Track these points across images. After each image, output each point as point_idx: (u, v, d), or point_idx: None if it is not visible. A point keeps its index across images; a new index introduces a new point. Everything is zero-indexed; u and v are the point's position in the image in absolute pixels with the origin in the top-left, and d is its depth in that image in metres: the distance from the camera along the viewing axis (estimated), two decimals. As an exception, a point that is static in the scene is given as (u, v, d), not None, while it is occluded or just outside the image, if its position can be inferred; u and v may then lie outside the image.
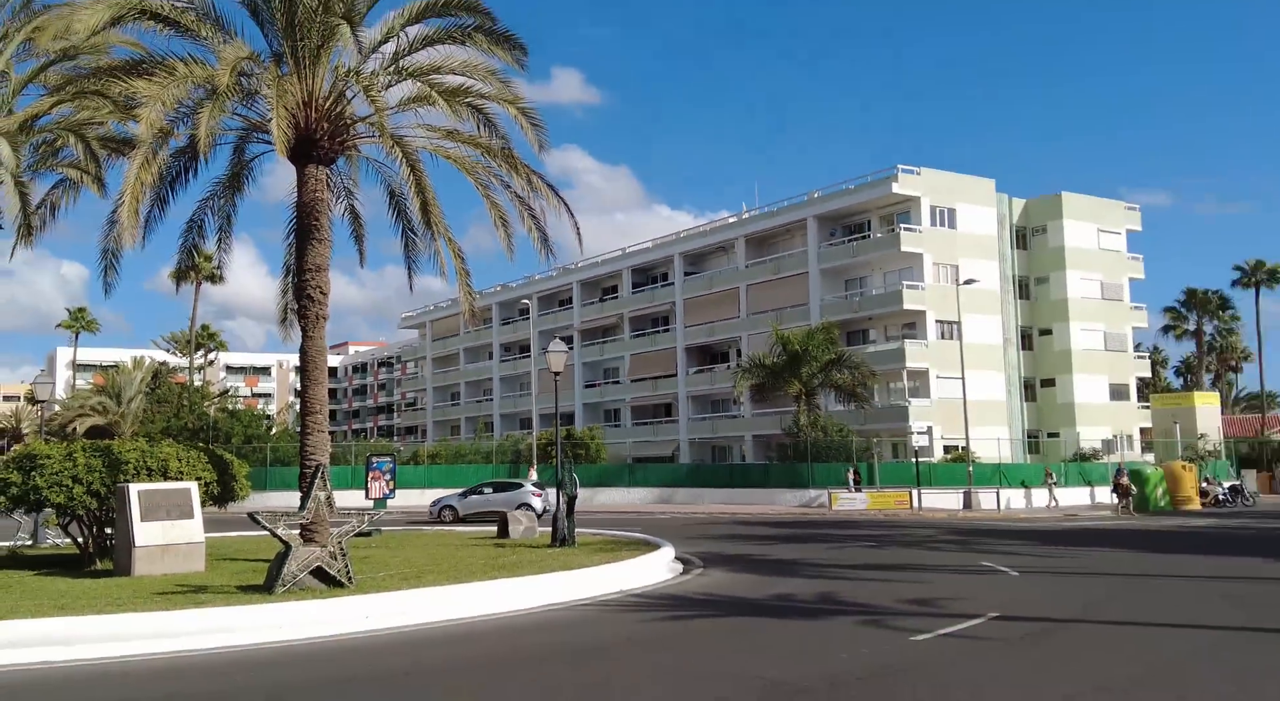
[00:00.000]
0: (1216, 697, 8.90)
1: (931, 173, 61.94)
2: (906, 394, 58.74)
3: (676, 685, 9.54)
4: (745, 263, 68.96)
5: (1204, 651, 11.28)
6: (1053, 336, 65.55)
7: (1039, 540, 27.76)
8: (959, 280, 52.47)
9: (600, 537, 23.51)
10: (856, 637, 12.02)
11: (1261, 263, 75.97)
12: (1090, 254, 66.02)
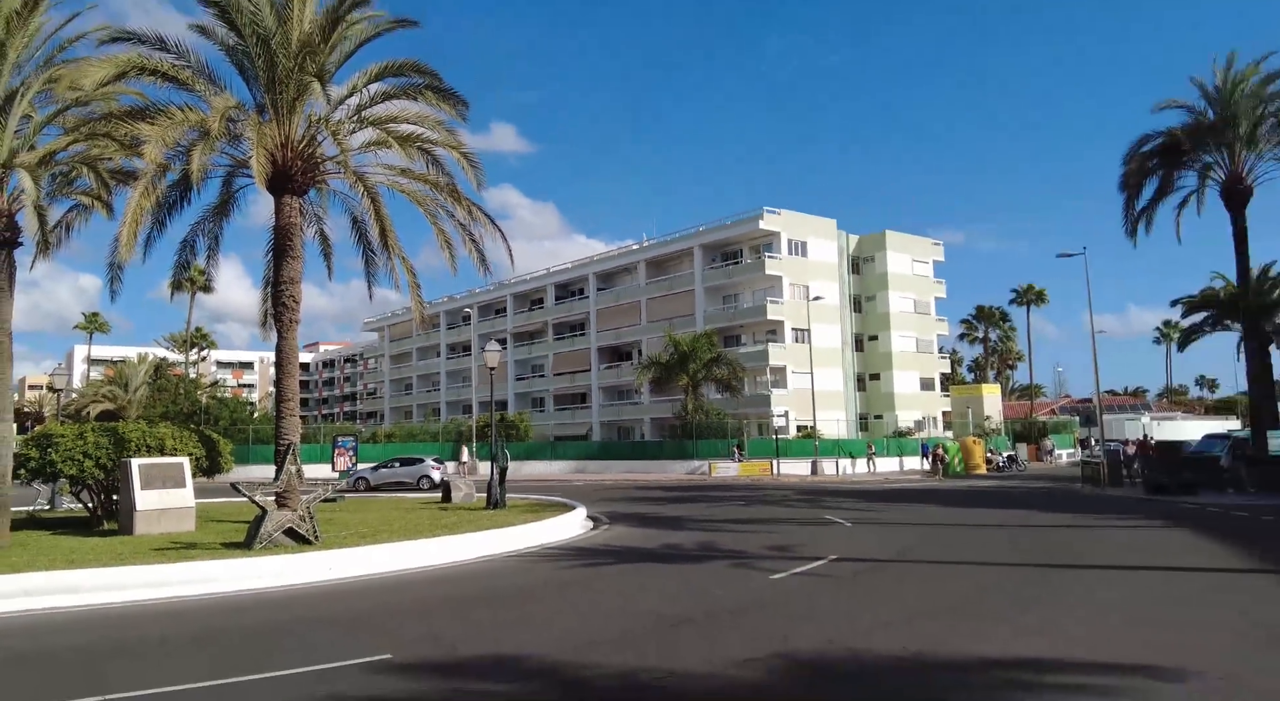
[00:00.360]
0: (1001, 614, 8.98)
1: (789, 213, 62.85)
2: (769, 385, 59.29)
3: (585, 618, 9.38)
4: (645, 281, 68.98)
5: (990, 582, 11.43)
6: (878, 341, 67.00)
7: (867, 498, 28.13)
8: (809, 297, 53.63)
9: (527, 501, 23.03)
10: (729, 577, 12.01)
11: (1031, 286, 79.95)
12: (906, 278, 67.73)
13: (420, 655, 7.55)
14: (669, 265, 69.00)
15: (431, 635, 8.50)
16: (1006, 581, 11.50)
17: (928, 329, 69.40)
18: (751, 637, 7.94)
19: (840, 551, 14.25)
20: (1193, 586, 10.87)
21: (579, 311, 74.51)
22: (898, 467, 49.26)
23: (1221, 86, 29.68)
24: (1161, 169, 31.29)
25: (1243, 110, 28.99)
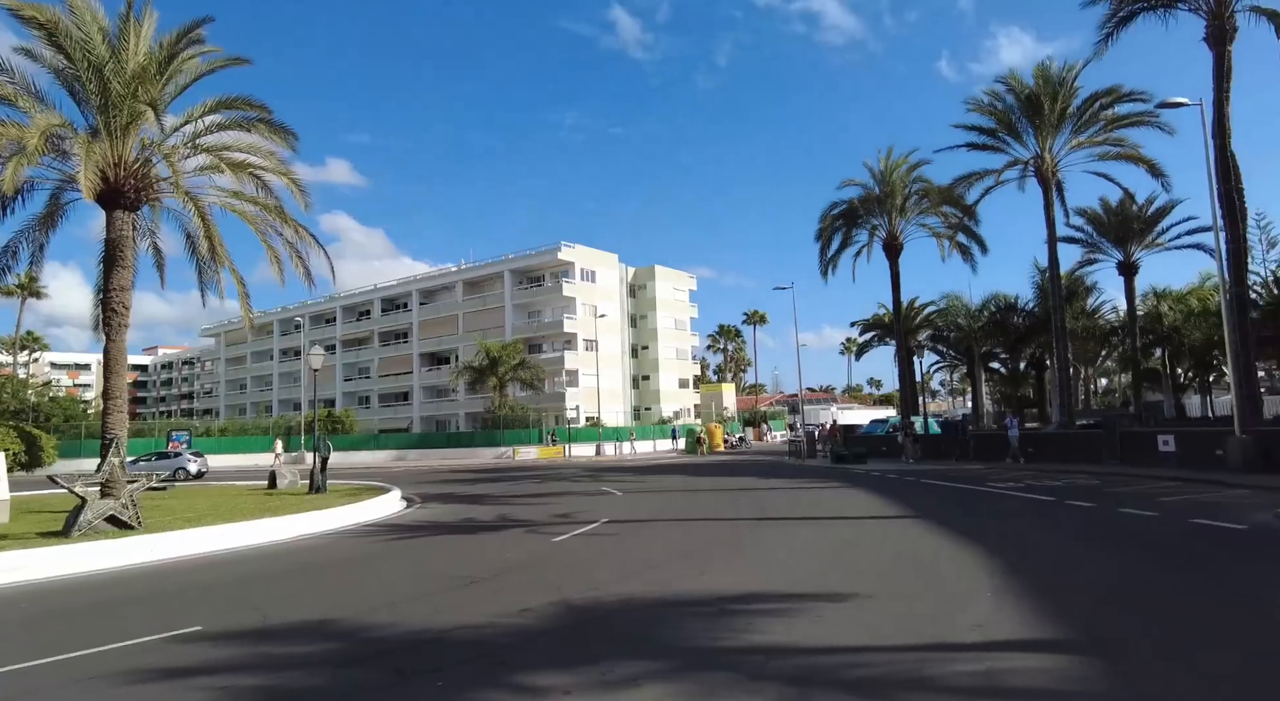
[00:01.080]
0: (726, 557, 9.21)
1: (582, 247, 63.51)
2: (564, 385, 59.47)
3: (390, 584, 8.80)
4: (463, 298, 66.99)
5: (720, 533, 11.82)
6: (649, 350, 69.22)
7: (637, 472, 28.79)
8: (597, 315, 54.44)
9: (348, 486, 21.47)
10: (519, 542, 11.74)
11: (756, 311, 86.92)
12: (669, 302, 70.50)
13: (231, 624, 6.76)
14: (483, 285, 67.42)
15: (244, 606, 7.67)
16: (732, 532, 12.06)
17: (684, 341, 72.67)
18: (531, 590, 7.83)
19: (612, 515, 14.46)
20: (860, 530, 11.91)
21: (403, 322, 70.94)
22: (664, 447, 51.00)
23: (883, 170, 33.41)
24: (844, 228, 34.68)
25: (897, 188, 32.78)
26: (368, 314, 74.94)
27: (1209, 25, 20.13)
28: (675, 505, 16.70)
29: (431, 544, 12.15)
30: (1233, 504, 12.83)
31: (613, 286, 65.91)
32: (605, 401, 58.04)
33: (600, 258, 65.27)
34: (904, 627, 5.98)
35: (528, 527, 13.18)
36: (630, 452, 46.85)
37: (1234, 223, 20.03)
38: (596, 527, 12.74)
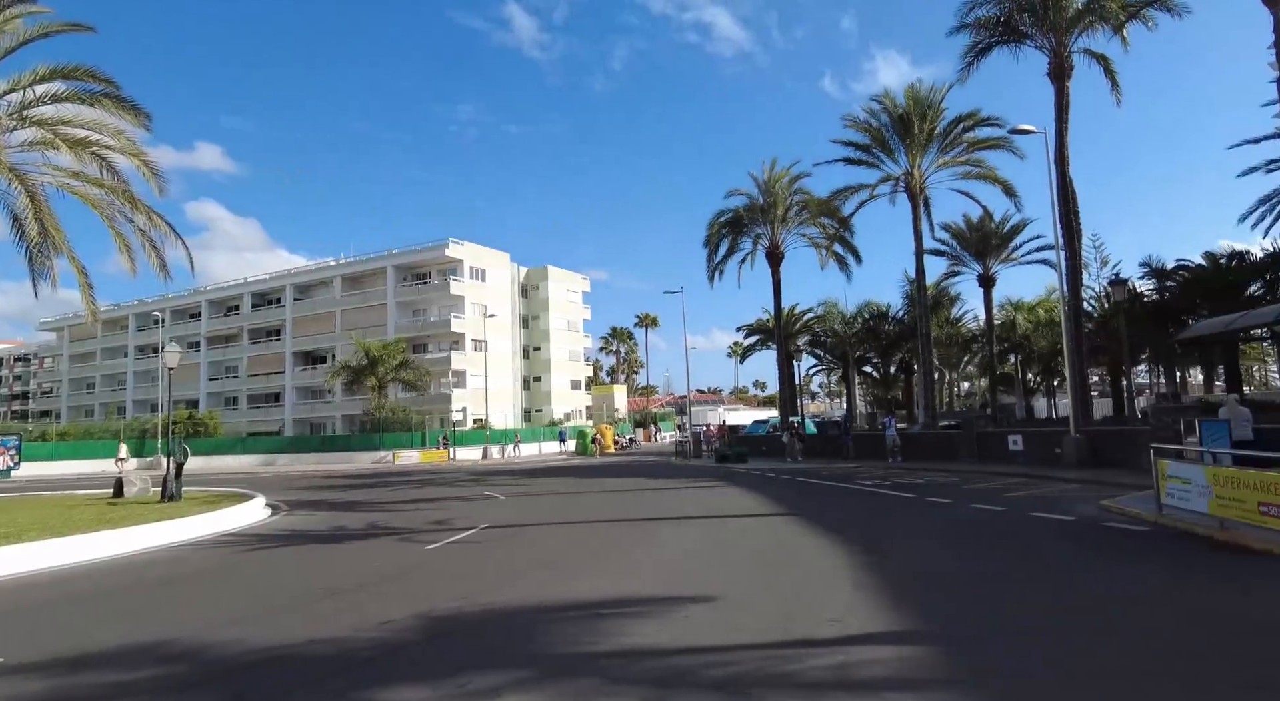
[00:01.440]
0: (603, 561, 9.20)
1: (472, 245, 61.92)
2: (451, 386, 57.81)
3: (240, 598, 8.16)
4: (342, 293, 63.66)
5: (600, 535, 11.74)
6: (541, 351, 68.45)
7: (524, 475, 28.33)
8: (486, 315, 53.25)
9: (207, 493, 19.84)
10: (389, 551, 11.22)
11: (648, 314, 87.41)
12: (562, 303, 70.06)
13: (42, 653, 6.03)
14: (365, 281, 64.44)
15: (64, 630, 6.87)
16: (612, 534, 12.04)
17: (577, 343, 72.43)
18: (396, 601, 7.51)
19: (492, 520, 14.13)
20: (735, 529, 12.23)
21: (276, 318, 66.57)
22: (551, 450, 50.52)
23: (767, 181, 34.67)
24: (730, 235, 35.68)
25: (779, 198, 34.08)
26: (237, 309, 69.87)
27: (1051, 62, 22.17)
28: (559, 508, 16.53)
29: (293, 554, 11.41)
30: (1066, 497, 14.11)
31: (504, 286, 64.75)
32: (494, 403, 56.92)
33: (491, 256, 63.96)
34: (768, 625, 6.15)
35: (400, 535, 12.65)
36: (515, 455, 46.05)
37: (1072, 241, 22.13)
38: (474, 534, 12.40)
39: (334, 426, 61.24)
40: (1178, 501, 10.27)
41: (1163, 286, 31.97)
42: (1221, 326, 12.00)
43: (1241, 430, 11.74)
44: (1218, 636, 5.45)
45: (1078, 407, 20.68)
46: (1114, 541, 9.56)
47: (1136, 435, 18.13)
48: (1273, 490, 8.32)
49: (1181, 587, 7.05)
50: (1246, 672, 4.69)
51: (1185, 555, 8.52)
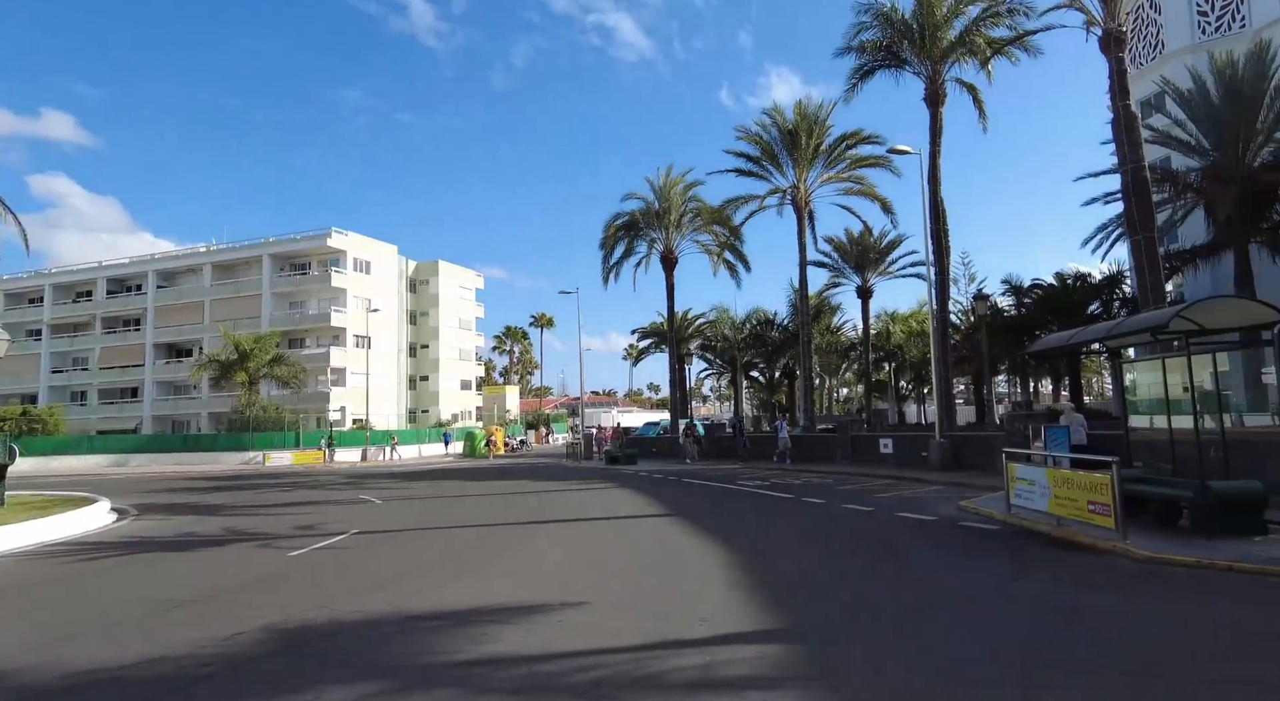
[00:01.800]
0: (479, 566, 8.90)
1: (356, 235, 59.19)
2: (329, 384, 55.03)
3: (73, 612, 7.38)
4: (212, 282, 59.25)
5: (479, 539, 11.36)
6: (429, 349, 66.36)
7: (406, 478, 27.34)
8: (370, 309, 51.05)
9: (40, 497, 17.87)
10: (249, 558, 10.45)
11: (544, 314, 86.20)
12: (453, 300, 68.24)
13: None
14: (238, 269, 60.31)
15: None
16: (492, 538, 11.74)
17: (468, 341, 70.70)
18: (248, 612, 6.99)
19: (365, 525, 13.51)
20: (617, 530, 12.22)
21: (136, 307, 61.07)
22: (434, 452, 49.00)
23: (662, 187, 35.18)
24: (626, 238, 35.94)
25: (674, 204, 34.66)
26: (89, 295, 63.50)
27: (927, 88, 23.68)
28: (437, 512, 16.00)
29: (136, 563, 10.40)
30: (929, 498, 15.05)
31: (390, 280, 62.28)
32: (377, 402, 54.63)
33: (378, 248, 61.36)
34: (640, 626, 6.15)
35: (261, 541, 11.84)
36: (393, 458, 44.17)
37: (941, 257, 23.68)
38: (343, 539, 11.79)
39: (199, 424, 56.98)
40: (1024, 501, 11.14)
41: (1020, 303, 34.78)
42: (1062, 341, 13.13)
43: (1077, 435, 12.88)
44: (1049, 626, 5.91)
45: (943, 414, 22.13)
46: (968, 540, 10.25)
47: (993, 440, 19.57)
48: (1099, 490, 9.16)
49: (1022, 582, 7.62)
50: (1071, 657, 5.10)
51: (1027, 551, 9.23)
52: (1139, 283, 17.85)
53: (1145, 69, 30.14)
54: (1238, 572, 7.46)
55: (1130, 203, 17.26)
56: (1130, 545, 8.56)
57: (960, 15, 23.32)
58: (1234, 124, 21.39)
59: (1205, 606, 6.43)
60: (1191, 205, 24.27)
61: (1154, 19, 30.80)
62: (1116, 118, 17.39)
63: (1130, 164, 17.14)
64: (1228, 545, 8.41)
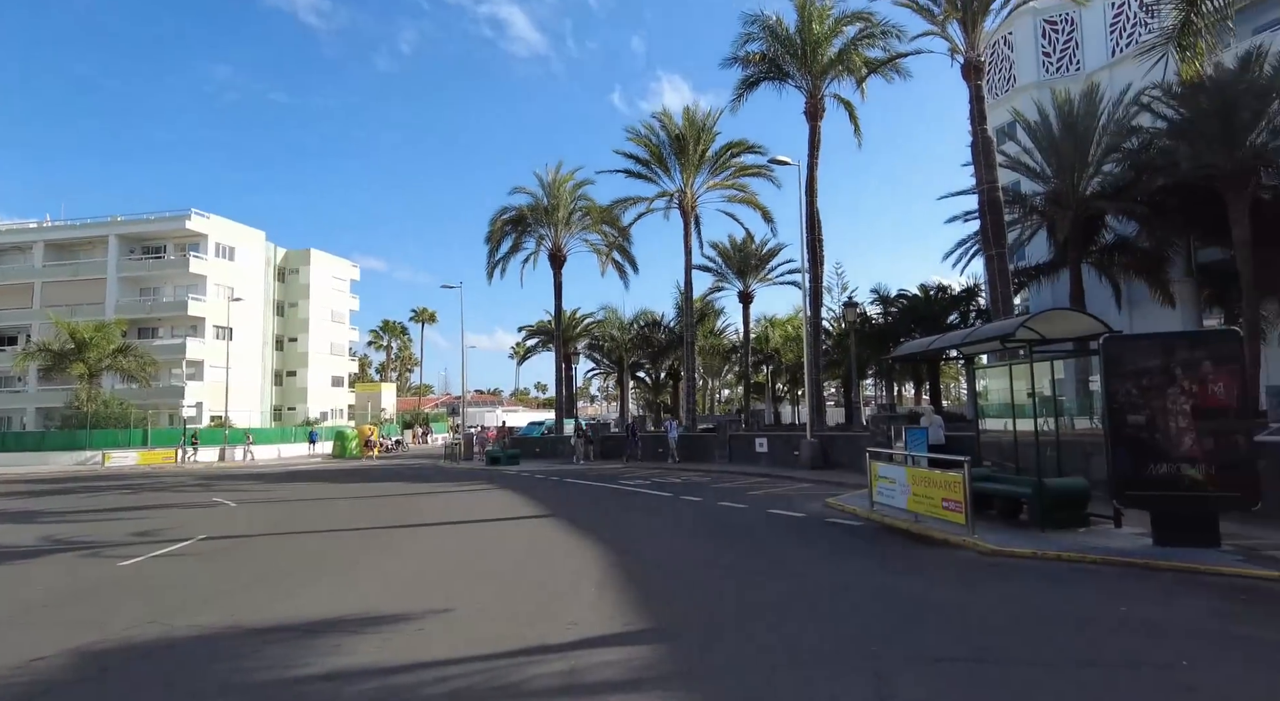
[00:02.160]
0: (330, 574, 8.37)
1: (219, 219, 54.86)
2: (185, 378, 50.71)
3: None
4: (44, 263, 53.12)
5: (338, 545, 10.65)
6: (297, 343, 62.47)
7: (267, 479, 25.56)
8: (232, 298, 47.32)
9: None
10: (71, 570, 9.32)
11: (425, 309, 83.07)
12: (327, 291, 64.66)
13: None
14: (79, 250, 54.46)
15: None
16: (356, 543, 11.11)
17: (342, 335, 67.23)
18: (58, 631, 6.19)
19: (212, 531, 12.43)
20: (491, 533, 11.85)
21: (-58, 287, 53.87)
22: (298, 452, 46.12)
23: (551, 183, 34.83)
24: (514, 233, 35.32)
25: (563, 201, 34.39)
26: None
27: (807, 102, 24.71)
28: (298, 516, 14.97)
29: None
30: (799, 495, 15.60)
31: (257, 267, 58.11)
32: (239, 398, 50.96)
33: (243, 233, 57.07)
34: (506, 632, 5.91)
35: (87, 551, 10.62)
36: (248, 458, 41.10)
37: (815, 266, 24.76)
38: (186, 546, 10.77)
39: (24, 420, 50.94)
40: (886, 498, 11.73)
41: (887, 312, 36.98)
42: (922, 347, 13.96)
43: (936, 436, 13.74)
44: (903, 618, 6.17)
45: (814, 415, 23.09)
46: (833, 536, 10.64)
47: (859, 440, 20.59)
48: (952, 487, 9.76)
49: (881, 576, 7.96)
50: (922, 648, 5.33)
51: (888, 546, 9.68)
52: (991, 295, 19.34)
53: (1001, 99, 32.79)
54: (1065, 561, 8.12)
55: (985, 220, 18.66)
56: (978, 539, 9.16)
57: (839, 34, 24.48)
58: (1070, 155, 23.62)
59: (1038, 594, 6.93)
60: (1037, 226, 26.62)
61: (1008, 54, 33.57)
62: (975, 141, 18.75)
63: (986, 184, 18.53)
64: (1058, 537, 9.17)
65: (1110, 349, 8.76)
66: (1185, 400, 8.30)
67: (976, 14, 18.54)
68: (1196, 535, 8.27)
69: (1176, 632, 5.56)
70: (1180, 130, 20.80)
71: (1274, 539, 8.53)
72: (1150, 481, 8.38)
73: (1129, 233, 24.52)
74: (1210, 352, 8.33)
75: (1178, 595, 6.67)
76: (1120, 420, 8.56)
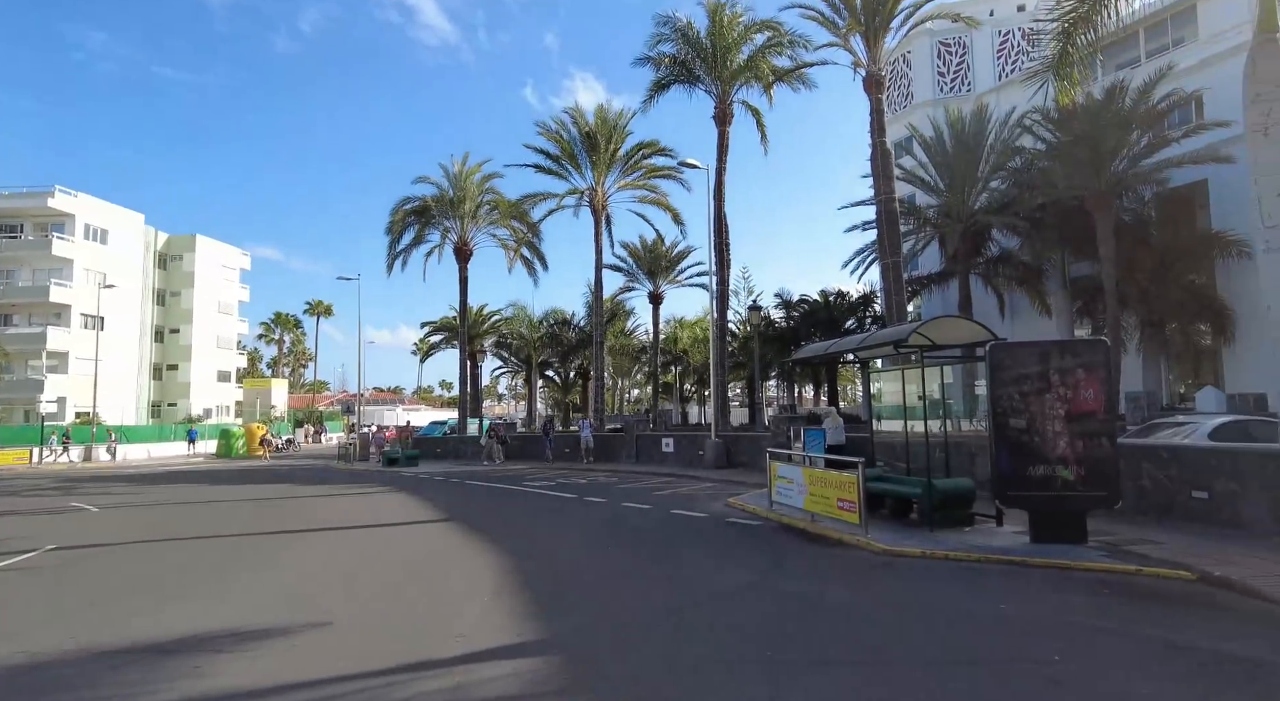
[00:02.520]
0: (199, 586, 7.69)
1: (90, 198, 50.40)
2: (45, 370, 46.26)
3: None
4: (-126, 240, 47.39)
5: (212, 553, 9.90)
6: (180, 334, 58.27)
7: (139, 481, 23.65)
8: (104, 284, 43.54)
9: None
10: (-118, 589, 8.18)
11: (320, 301, 79.39)
12: (213, 280, 60.61)
13: None
14: (-83, 226, 48.86)
15: None
16: (231, 552, 10.29)
17: (229, 327, 63.23)
18: None
19: (65, 540, 11.29)
20: (382, 539, 11.27)
21: None
22: (181, 451, 43.02)
23: (458, 174, 33.88)
24: (417, 225, 34.12)
25: (470, 194, 33.52)
26: None
27: (716, 107, 25.07)
28: (169, 522, 13.82)
29: None
30: (702, 495, 15.70)
31: (134, 253, 53.75)
32: (111, 393, 47.00)
33: (118, 215, 52.63)
34: (389, 647, 5.55)
35: (-93, 565, 9.38)
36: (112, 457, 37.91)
37: (722, 268, 25.13)
38: (31, 559, 9.70)
39: None
40: (784, 498, 11.93)
41: (790, 316, 38.03)
42: (820, 351, 14.33)
43: (837, 436, 14.12)
44: (797, 620, 6.20)
45: (718, 415, 23.41)
46: (733, 536, 10.71)
47: (761, 440, 20.99)
48: (847, 488, 10.01)
49: (777, 577, 8.02)
50: (814, 650, 5.35)
51: (785, 546, 9.81)
52: (886, 302, 20.14)
53: (900, 115, 34.35)
54: (951, 560, 8.45)
55: (882, 230, 19.41)
56: (871, 539, 9.42)
57: (749, 41, 24.94)
58: (961, 171, 24.99)
59: (926, 593, 7.15)
60: (930, 238, 28.01)
61: (906, 72, 35.23)
62: (874, 152, 19.48)
63: (883, 195, 19.28)
64: (945, 535, 9.56)
65: (995, 355, 9.19)
66: (1060, 405, 8.81)
67: (878, 29, 19.27)
68: (1068, 532, 8.79)
69: (1049, 629, 5.82)
70: (1057, 153, 22.36)
71: (1130, 534, 9.17)
72: (1029, 482, 8.84)
73: (1012, 246, 26.17)
74: (1082, 360, 8.87)
75: (1051, 591, 7.02)
76: (1003, 423, 9.00)
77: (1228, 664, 4.89)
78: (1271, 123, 9.50)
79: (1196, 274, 22.69)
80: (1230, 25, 22.93)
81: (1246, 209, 10.71)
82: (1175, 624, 5.83)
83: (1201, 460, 9.84)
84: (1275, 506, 8.70)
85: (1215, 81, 22.95)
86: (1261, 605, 6.36)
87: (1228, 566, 7.34)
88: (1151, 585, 7.16)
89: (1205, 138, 21.52)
